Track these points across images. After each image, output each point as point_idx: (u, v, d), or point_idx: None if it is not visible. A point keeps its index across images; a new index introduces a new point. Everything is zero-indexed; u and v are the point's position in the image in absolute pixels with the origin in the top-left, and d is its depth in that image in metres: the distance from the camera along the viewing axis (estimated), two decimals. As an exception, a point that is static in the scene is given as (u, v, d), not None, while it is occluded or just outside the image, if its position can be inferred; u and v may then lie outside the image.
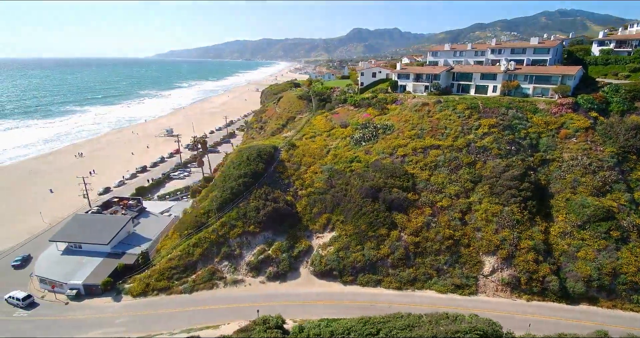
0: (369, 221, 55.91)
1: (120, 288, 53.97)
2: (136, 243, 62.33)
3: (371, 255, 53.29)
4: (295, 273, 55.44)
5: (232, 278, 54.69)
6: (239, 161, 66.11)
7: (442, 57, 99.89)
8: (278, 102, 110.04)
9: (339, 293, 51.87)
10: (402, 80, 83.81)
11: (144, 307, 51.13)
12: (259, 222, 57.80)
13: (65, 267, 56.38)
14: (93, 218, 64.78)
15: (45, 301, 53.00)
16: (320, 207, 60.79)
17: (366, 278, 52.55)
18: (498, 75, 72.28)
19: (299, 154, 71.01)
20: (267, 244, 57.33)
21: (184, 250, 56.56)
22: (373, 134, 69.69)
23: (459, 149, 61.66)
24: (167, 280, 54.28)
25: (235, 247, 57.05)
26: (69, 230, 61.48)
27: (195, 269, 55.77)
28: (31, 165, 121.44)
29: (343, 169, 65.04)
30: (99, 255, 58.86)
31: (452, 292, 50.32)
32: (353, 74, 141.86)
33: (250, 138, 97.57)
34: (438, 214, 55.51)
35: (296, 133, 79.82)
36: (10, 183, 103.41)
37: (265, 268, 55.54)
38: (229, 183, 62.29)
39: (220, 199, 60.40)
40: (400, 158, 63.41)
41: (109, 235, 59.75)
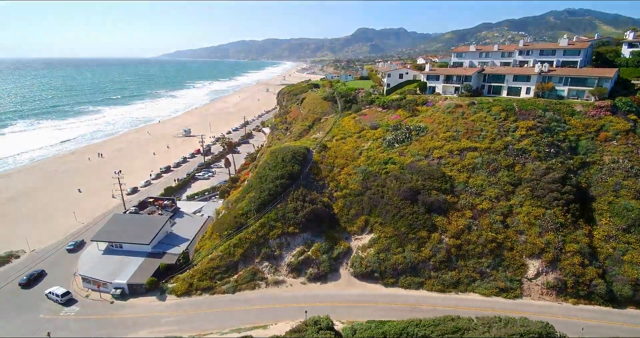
0: (408, 223, 56.01)
1: (164, 287, 54.62)
2: (175, 243, 63.07)
3: (412, 258, 53.38)
4: (335, 275, 55.72)
5: (273, 278, 55.13)
6: (274, 162, 66.54)
7: (468, 58, 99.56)
8: (301, 103, 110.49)
9: (381, 295, 52.02)
10: (432, 82, 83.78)
11: (189, 306, 51.74)
12: (298, 223, 58.16)
13: (108, 267, 57.20)
14: (132, 219, 65.61)
15: (90, 300, 53.81)
16: (357, 208, 61.03)
17: (408, 280, 52.64)
18: (532, 77, 71.97)
19: (331, 155, 71.32)
20: (307, 245, 57.68)
21: (224, 251, 57.10)
22: (406, 136, 69.74)
23: (497, 151, 61.49)
24: (210, 280, 54.88)
25: (275, 248, 57.48)
26: (110, 230, 62.36)
27: (236, 269, 56.29)
28: (53, 166, 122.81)
29: (377, 171, 65.19)
30: (140, 254, 59.64)
31: (497, 295, 50.25)
32: (373, 74, 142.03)
33: (276, 139, 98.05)
34: (479, 217, 55.46)
35: (326, 134, 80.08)
36: (38, 183, 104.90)
37: (305, 269, 55.90)
38: (266, 184, 62.74)
39: (258, 200, 60.85)
40: (436, 160, 63.40)
41: (149, 235, 60.52)
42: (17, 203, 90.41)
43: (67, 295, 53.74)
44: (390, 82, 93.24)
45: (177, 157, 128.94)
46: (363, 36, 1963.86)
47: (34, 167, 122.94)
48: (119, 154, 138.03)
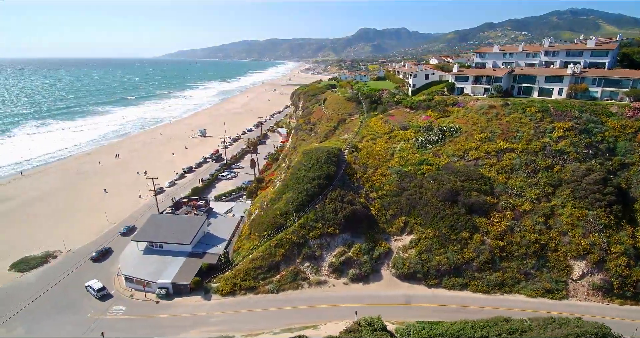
0: (449, 224, 56.23)
1: (208, 287, 54.97)
2: (212, 243, 63.45)
3: (455, 259, 53.59)
4: (377, 276, 55.96)
5: (315, 279, 55.40)
6: (309, 163, 66.83)
7: (491, 59, 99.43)
8: (324, 103, 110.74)
9: (425, 296, 52.23)
10: (460, 83, 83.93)
11: (235, 306, 52.04)
12: (338, 224, 58.43)
13: (150, 267, 57.57)
14: (170, 219, 65.98)
15: (135, 300, 54.16)
16: (395, 209, 61.24)
17: (452, 281, 52.85)
18: (565, 78, 72.06)
19: (363, 156, 71.51)
20: (347, 246, 57.94)
21: (265, 251, 57.39)
22: (439, 137, 69.90)
23: (534, 152, 61.63)
24: (253, 280, 55.19)
25: (315, 248, 57.75)
26: (149, 230, 62.73)
27: (278, 269, 56.59)
28: (72, 167, 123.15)
29: (413, 172, 65.39)
30: (181, 254, 60.00)
31: (542, 296, 50.43)
32: (390, 75, 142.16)
33: (301, 140, 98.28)
34: (520, 218, 55.61)
35: (355, 135, 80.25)
36: (61, 184, 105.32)
37: (347, 269, 56.15)
38: (303, 185, 63.01)
39: (296, 201, 61.14)
40: (473, 161, 63.58)
41: (189, 235, 60.90)
42: (44, 203, 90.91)
43: (103, 291, 54.83)
44: (416, 83, 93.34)
45: (196, 158, 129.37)
46: (365, 36, 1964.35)
47: (52, 168, 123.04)
48: (136, 154, 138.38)
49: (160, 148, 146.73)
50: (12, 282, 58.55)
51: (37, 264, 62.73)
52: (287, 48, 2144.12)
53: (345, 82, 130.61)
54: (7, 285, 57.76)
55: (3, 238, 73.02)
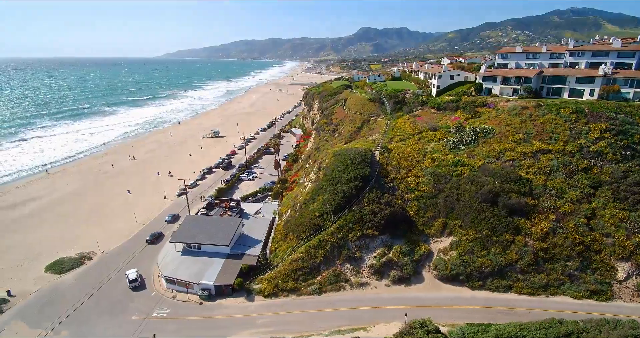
0: (490, 226, 56.22)
1: (250, 288, 54.99)
2: (248, 244, 63.46)
3: (498, 260, 53.59)
4: (418, 277, 55.94)
5: (357, 280, 55.40)
6: (343, 164, 66.78)
7: (513, 59, 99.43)
8: (344, 103, 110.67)
9: (468, 298, 52.16)
10: (488, 83, 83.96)
11: (279, 307, 52.05)
12: (377, 225, 58.38)
13: (190, 268, 57.53)
14: (205, 220, 65.92)
15: (178, 301, 54.15)
16: (433, 211, 61.23)
17: (495, 283, 52.82)
18: (597, 79, 72.10)
19: (394, 157, 71.48)
20: (386, 248, 57.92)
21: (305, 252, 57.36)
22: (472, 138, 69.90)
23: (572, 154, 61.64)
24: (295, 282, 55.19)
25: (354, 250, 57.74)
26: (186, 231, 62.67)
27: (319, 271, 56.59)
28: (90, 167, 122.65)
29: (447, 173, 65.37)
30: (220, 256, 59.96)
31: (588, 297, 50.40)
32: (406, 75, 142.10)
33: (324, 140, 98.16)
34: (562, 220, 55.61)
35: (383, 136, 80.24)
36: (83, 185, 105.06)
37: (388, 271, 56.14)
38: (339, 186, 62.98)
39: (334, 202, 61.12)
40: (509, 162, 63.58)
41: (228, 237, 60.86)
42: (70, 204, 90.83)
43: (135, 282, 57.14)
44: (441, 84, 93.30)
45: (213, 158, 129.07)
46: (365, 36, 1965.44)
47: (69, 169, 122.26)
48: (152, 155, 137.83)
49: (176, 149, 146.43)
50: (50, 284, 58.51)
51: (73, 266, 62.70)
52: (287, 48, 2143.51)
53: (362, 83, 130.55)
54: (47, 287, 57.71)
55: (35, 239, 73.06)
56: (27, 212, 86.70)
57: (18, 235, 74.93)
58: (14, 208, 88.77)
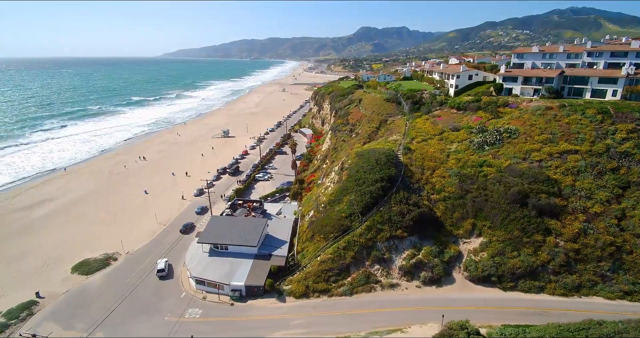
0: (520, 227, 56.16)
1: (281, 289, 54.87)
2: (275, 244, 63.30)
3: (530, 262, 53.54)
4: (449, 279, 55.86)
5: (387, 281, 55.31)
6: (368, 165, 66.64)
7: (529, 60, 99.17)
8: (360, 103, 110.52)
9: (501, 299, 52.06)
10: (508, 83, 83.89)
11: (312, 308, 51.95)
12: (406, 226, 58.27)
13: (219, 269, 57.39)
14: (231, 221, 65.73)
15: (209, 302, 53.98)
16: (461, 212, 61.16)
17: (528, 284, 52.79)
18: (620, 80, 72.06)
19: (418, 157, 71.41)
20: (416, 249, 57.81)
21: (334, 253, 57.20)
22: (497, 138, 69.83)
23: (599, 154, 61.63)
24: (325, 282, 55.08)
25: (384, 251, 57.62)
26: (213, 232, 62.47)
27: (348, 272, 56.46)
28: (102, 168, 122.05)
29: (473, 174, 65.31)
30: (248, 256, 59.83)
31: (621, 298, 50.40)
32: (418, 74, 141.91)
33: (341, 141, 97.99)
34: (592, 220, 55.59)
35: (404, 136, 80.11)
36: (98, 185, 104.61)
37: (418, 272, 56.04)
38: (365, 187, 62.85)
39: (361, 203, 60.99)
40: (536, 163, 63.51)
41: (255, 237, 60.73)
42: (86, 205, 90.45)
43: (162, 272, 59.66)
44: (459, 84, 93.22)
45: (225, 158, 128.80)
46: (365, 35, 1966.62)
47: (81, 169, 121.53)
48: (163, 155, 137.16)
49: (187, 149, 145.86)
50: (79, 285, 58.34)
51: (99, 267, 62.52)
52: (287, 47, 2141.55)
53: (374, 83, 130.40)
54: (75, 288, 57.54)
55: (56, 240, 72.85)
56: (44, 213, 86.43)
57: (39, 237, 74.67)
58: (31, 209, 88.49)
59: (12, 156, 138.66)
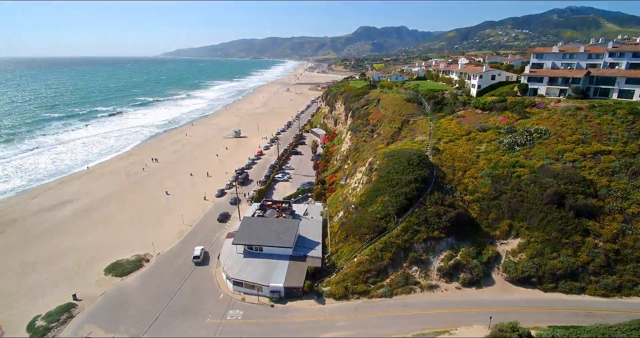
0: (558, 228, 56.11)
1: (320, 291, 54.71)
2: (308, 245, 63.08)
3: (570, 262, 53.52)
4: (488, 280, 55.78)
5: (426, 283, 55.22)
6: (400, 166, 66.47)
7: (549, 60, 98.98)
8: (378, 103, 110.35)
9: (543, 301, 51.99)
10: (534, 84, 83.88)
11: (353, 310, 51.79)
12: (443, 227, 58.17)
13: (256, 270, 57.17)
14: (263, 222, 65.43)
15: (248, 304, 53.74)
16: (496, 212, 61.10)
17: (568, 285, 52.76)
18: (648, 80, 72.21)
19: (447, 158, 71.37)
20: (453, 250, 57.71)
21: (372, 255, 57.06)
22: (527, 139, 69.81)
23: (632, 155, 61.67)
24: (364, 284, 54.94)
25: (421, 252, 57.52)
26: (246, 233, 62.21)
27: (386, 273, 56.32)
28: (119, 169, 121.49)
29: (506, 174, 65.30)
30: (283, 258, 59.64)
31: (663, 298, 50.56)
32: (432, 74, 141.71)
33: (362, 141, 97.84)
34: (631, 221, 55.61)
35: (429, 137, 80.00)
36: (117, 187, 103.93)
37: (457, 274, 55.99)
38: (399, 188, 62.71)
39: (396, 204, 60.83)
40: (569, 163, 63.51)
41: (290, 238, 60.55)
42: (109, 206, 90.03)
43: (197, 259, 63.86)
44: (481, 84, 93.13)
45: (240, 159, 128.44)
46: (364, 34, 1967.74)
47: (96, 171, 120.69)
48: (177, 156, 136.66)
49: (200, 150, 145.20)
50: (115, 287, 57.97)
51: (133, 268, 62.20)
52: (286, 46, 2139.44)
53: (390, 83, 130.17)
54: (111, 290, 57.18)
55: (85, 242, 72.51)
56: (67, 215, 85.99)
57: (67, 238, 74.26)
58: (53, 211, 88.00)
59: (22, 159, 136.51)
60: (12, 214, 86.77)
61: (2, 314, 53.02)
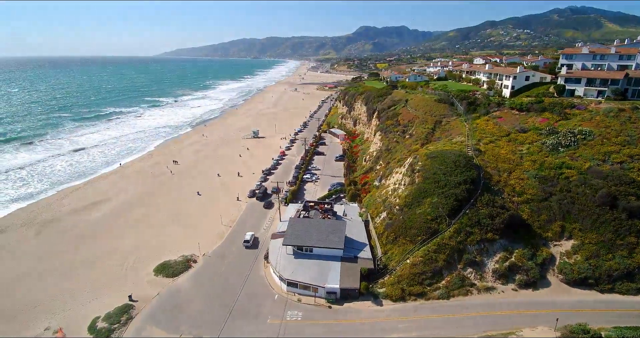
0: (613, 229, 56.20)
1: (375, 292, 54.67)
2: (356, 246, 62.97)
3: (626, 264, 53.60)
4: (543, 282, 55.74)
5: (482, 285, 55.18)
6: (447, 167, 66.41)
7: (579, 60, 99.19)
8: (406, 104, 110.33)
9: (601, 302, 51.90)
10: (571, 85, 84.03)
11: (412, 312, 51.67)
12: (497, 229, 58.18)
13: (309, 271, 57.07)
14: (310, 223, 65.28)
15: (305, 304, 53.60)
16: (547, 214, 61.08)
17: (625, 286, 52.77)
18: (691, 82, 72.38)
19: (490, 159, 71.34)
20: (507, 252, 57.72)
21: (425, 256, 57.04)
22: (571, 140, 69.87)
23: (681, 156, 61.83)
24: (420, 286, 54.92)
25: (475, 254, 57.49)
26: (295, 234, 62.09)
27: (441, 275, 56.29)
28: (143, 169, 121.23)
29: (553, 176, 65.31)
30: (334, 259, 59.51)
31: None
32: (453, 74, 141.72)
33: (394, 142, 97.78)
34: (685, 222, 55.74)
35: (468, 138, 79.92)
36: (147, 188, 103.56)
37: (512, 275, 55.96)
38: (448, 189, 62.64)
39: (447, 206, 60.79)
40: (617, 165, 63.57)
41: (340, 240, 60.47)
42: (142, 207, 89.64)
43: (247, 243, 69.37)
44: (515, 84, 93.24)
45: (263, 159, 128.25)
46: (365, 34, 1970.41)
47: (120, 171, 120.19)
48: (199, 156, 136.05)
49: (221, 150, 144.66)
50: (168, 288, 57.77)
51: (182, 269, 62.01)
52: (287, 46, 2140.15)
53: (414, 83, 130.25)
54: (165, 291, 56.98)
55: (129, 242, 72.34)
56: (103, 215, 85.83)
57: (108, 239, 74.09)
58: (88, 211, 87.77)
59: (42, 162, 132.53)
60: (46, 215, 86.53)
61: (57, 316, 52.78)
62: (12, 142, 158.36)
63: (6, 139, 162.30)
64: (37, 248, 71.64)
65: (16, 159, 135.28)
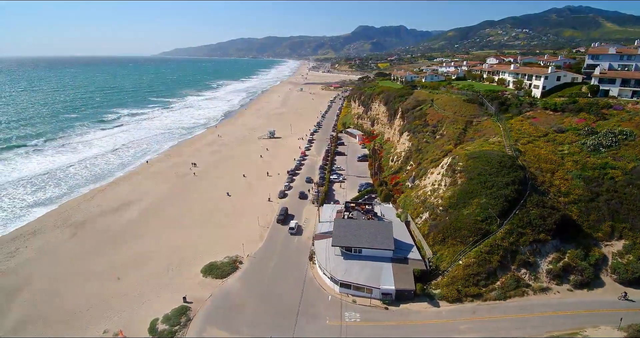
0: (664, 229, 56.38)
1: (431, 293, 54.49)
2: (404, 247, 62.77)
3: (680, 263, 53.78)
4: (597, 282, 55.72)
5: (537, 285, 55.07)
6: (492, 168, 66.21)
7: (605, 61, 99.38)
8: (432, 104, 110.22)
9: (657, 301, 52.31)
10: (605, 85, 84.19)
11: (470, 313, 51.49)
12: (549, 229, 58.13)
13: (361, 272, 56.80)
14: (356, 224, 64.93)
15: (360, 306, 53.34)
16: (596, 214, 61.12)
17: (680, 285, 53.04)
18: None
19: (532, 159, 71.29)
20: (560, 252, 57.67)
21: (478, 257, 56.89)
22: (613, 140, 69.98)
23: None
24: (475, 287, 54.76)
25: (528, 255, 57.41)
26: (343, 235, 61.77)
27: (495, 276, 56.13)
28: (163, 170, 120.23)
29: (597, 176, 65.37)
30: (384, 260, 59.28)
31: None
32: (473, 74, 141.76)
33: (424, 142, 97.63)
34: None
35: (504, 138, 79.89)
36: (175, 187, 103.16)
37: (566, 276, 55.90)
38: (496, 190, 62.48)
39: (496, 206, 60.66)
40: (662, 165, 63.72)
41: (389, 240, 60.24)
42: (173, 208, 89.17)
43: (292, 230, 75.05)
44: (547, 85, 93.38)
45: (285, 160, 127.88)
46: (363, 34, 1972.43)
47: (142, 172, 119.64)
48: (217, 157, 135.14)
49: (239, 150, 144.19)
50: (219, 289, 57.37)
51: (230, 270, 61.59)
52: (285, 46, 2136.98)
53: (436, 83, 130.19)
54: (218, 292, 56.57)
55: (168, 243, 71.74)
56: (135, 216, 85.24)
57: (145, 240, 73.60)
58: (119, 212, 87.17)
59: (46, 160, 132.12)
60: (77, 216, 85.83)
61: (113, 319, 52.27)
62: (22, 148, 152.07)
63: (18, 145, 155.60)
64: (75, 250, 71.02)
65: (31, 163, 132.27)
